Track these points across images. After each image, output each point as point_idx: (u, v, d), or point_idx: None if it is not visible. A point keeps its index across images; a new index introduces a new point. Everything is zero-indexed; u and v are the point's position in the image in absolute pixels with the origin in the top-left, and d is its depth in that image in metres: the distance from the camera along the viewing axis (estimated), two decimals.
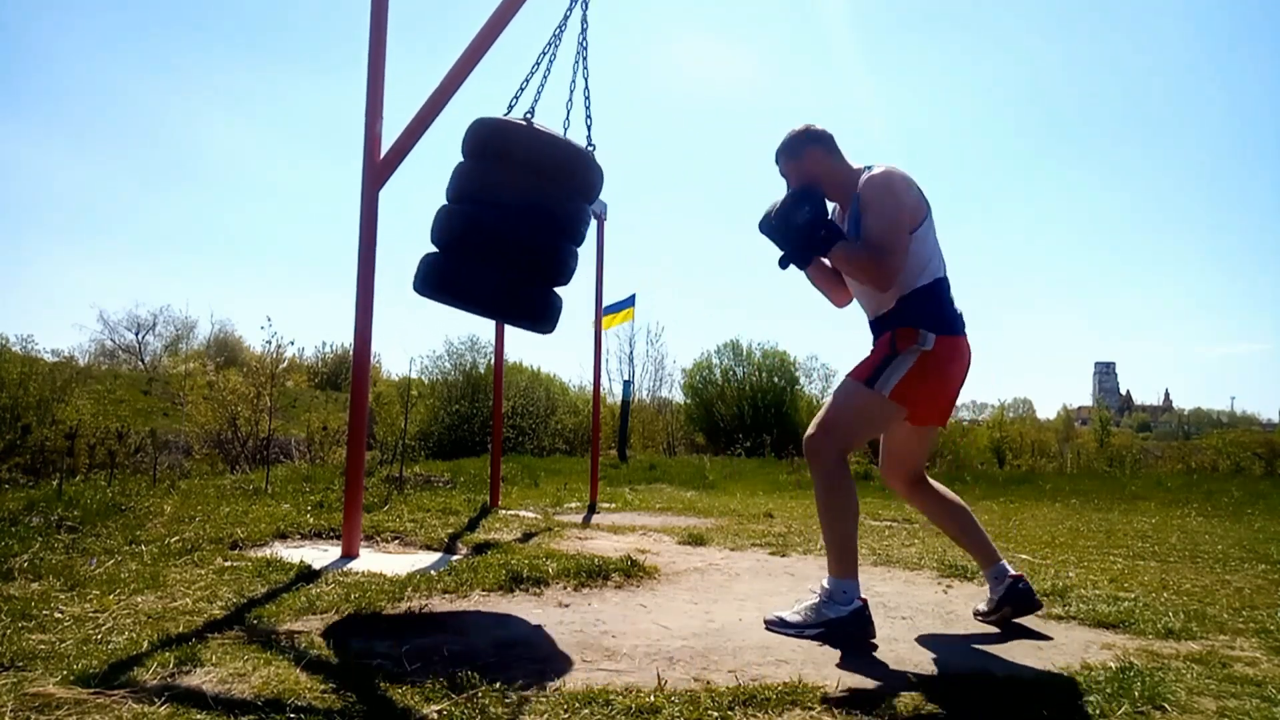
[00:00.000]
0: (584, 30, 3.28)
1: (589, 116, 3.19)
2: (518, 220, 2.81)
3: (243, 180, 67.87)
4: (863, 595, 2.42)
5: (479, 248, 2.83)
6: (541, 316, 3.00)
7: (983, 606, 2.70)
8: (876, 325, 2.61)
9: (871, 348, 2.59)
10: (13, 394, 8.46)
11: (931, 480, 2.79)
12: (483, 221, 2.82)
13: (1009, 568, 2.64)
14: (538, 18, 3.49)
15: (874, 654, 2.28)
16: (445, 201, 2.96)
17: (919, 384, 2.45)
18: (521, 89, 3.20)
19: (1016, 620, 2.63)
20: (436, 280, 2.89)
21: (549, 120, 3.04)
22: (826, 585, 2.45)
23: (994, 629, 2.58)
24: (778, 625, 2.48)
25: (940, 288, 2.53)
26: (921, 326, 2.45)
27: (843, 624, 2.37)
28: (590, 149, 3.12)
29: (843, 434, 2.49)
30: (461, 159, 2.97)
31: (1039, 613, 2.77)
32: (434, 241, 2.94)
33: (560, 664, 2.09)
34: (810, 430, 2.53)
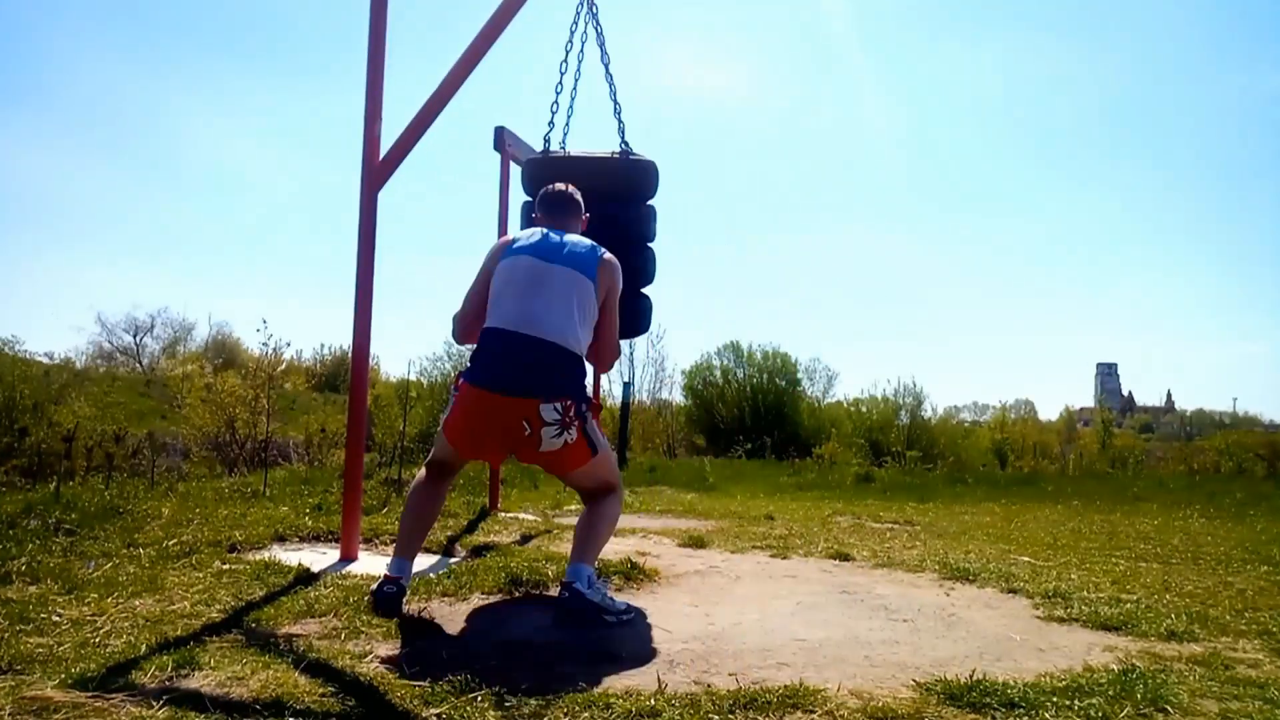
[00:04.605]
0: (599, 35, 3.88)
1: (620, 121, 3.90)
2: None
3: (242, 182, 67.65)
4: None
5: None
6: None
7: None
8: None
9: None
10: (7, 395, 8.41)
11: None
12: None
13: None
14: (538, 20, 3.50)
15: (875, 656, 2.27)
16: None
17: (449, 418, 2.74)
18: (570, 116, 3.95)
19: (1016, 629, 2.62)
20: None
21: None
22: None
23: (994, 632, 2.57)
24: None
25: (482, 337, 2.71)
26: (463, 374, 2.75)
27: None
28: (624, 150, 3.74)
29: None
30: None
31: (1039, 614, 2.78)
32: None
33: (560, 666, 2.09)
34: None
